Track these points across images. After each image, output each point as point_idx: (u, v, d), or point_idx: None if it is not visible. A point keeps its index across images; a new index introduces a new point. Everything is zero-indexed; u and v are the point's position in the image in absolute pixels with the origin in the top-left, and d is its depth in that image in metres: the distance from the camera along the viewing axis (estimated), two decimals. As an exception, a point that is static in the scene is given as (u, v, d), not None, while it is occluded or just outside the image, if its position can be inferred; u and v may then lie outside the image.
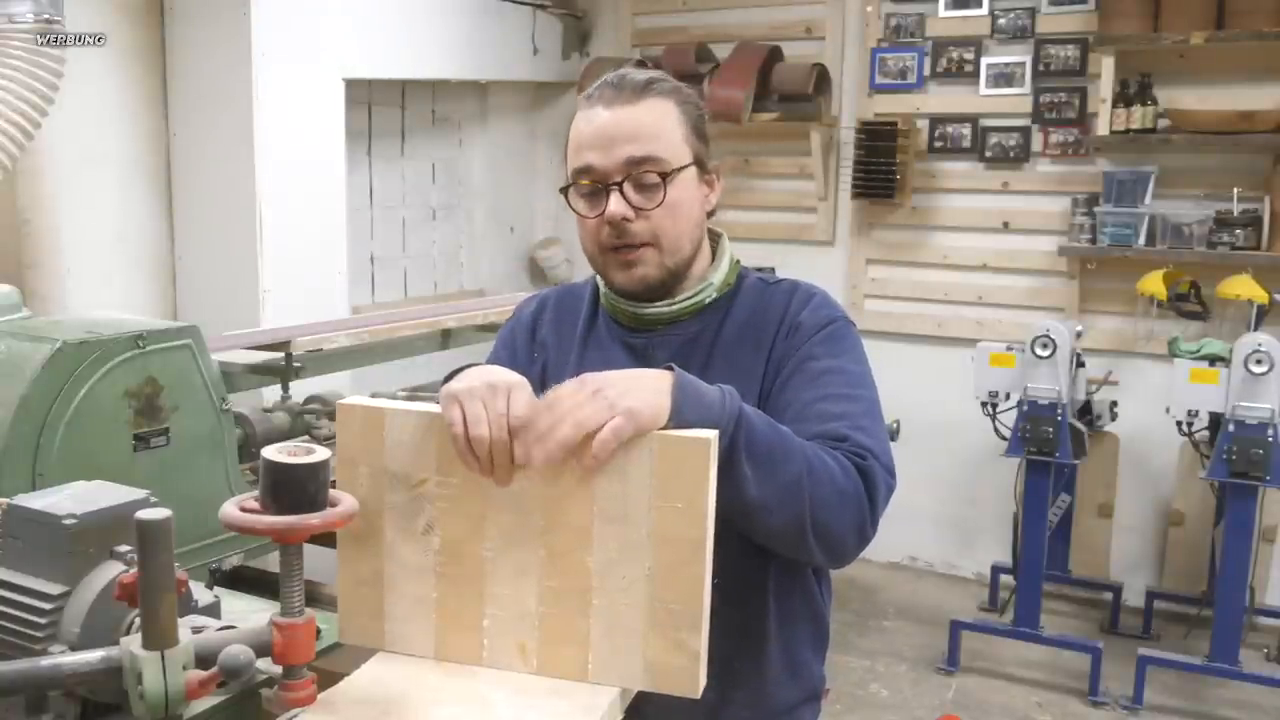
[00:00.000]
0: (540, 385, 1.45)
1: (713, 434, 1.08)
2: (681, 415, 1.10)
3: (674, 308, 1.40)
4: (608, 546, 1.10)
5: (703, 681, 1.11)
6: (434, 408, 1.15)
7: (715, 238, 1.47)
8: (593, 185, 1.34)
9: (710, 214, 1.43)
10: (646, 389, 1.10)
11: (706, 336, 1.41)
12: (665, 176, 1.32)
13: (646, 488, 1.08)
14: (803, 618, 1.42)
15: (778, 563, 1.36)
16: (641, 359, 1.40)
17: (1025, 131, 4.24)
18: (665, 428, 1.09)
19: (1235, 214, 3.80)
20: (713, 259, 1.45)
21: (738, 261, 1.47)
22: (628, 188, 1.32)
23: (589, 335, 1.47)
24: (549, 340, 1.48)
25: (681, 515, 1.08)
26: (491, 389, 1.10)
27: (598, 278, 1.48)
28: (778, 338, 1.38)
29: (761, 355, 1.38)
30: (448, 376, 1.25)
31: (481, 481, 1.13)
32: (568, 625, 1.13)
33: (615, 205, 1.32)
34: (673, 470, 1.07)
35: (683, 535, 1.08)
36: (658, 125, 1.34)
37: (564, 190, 1.38)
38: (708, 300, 1.41)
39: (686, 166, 1.35)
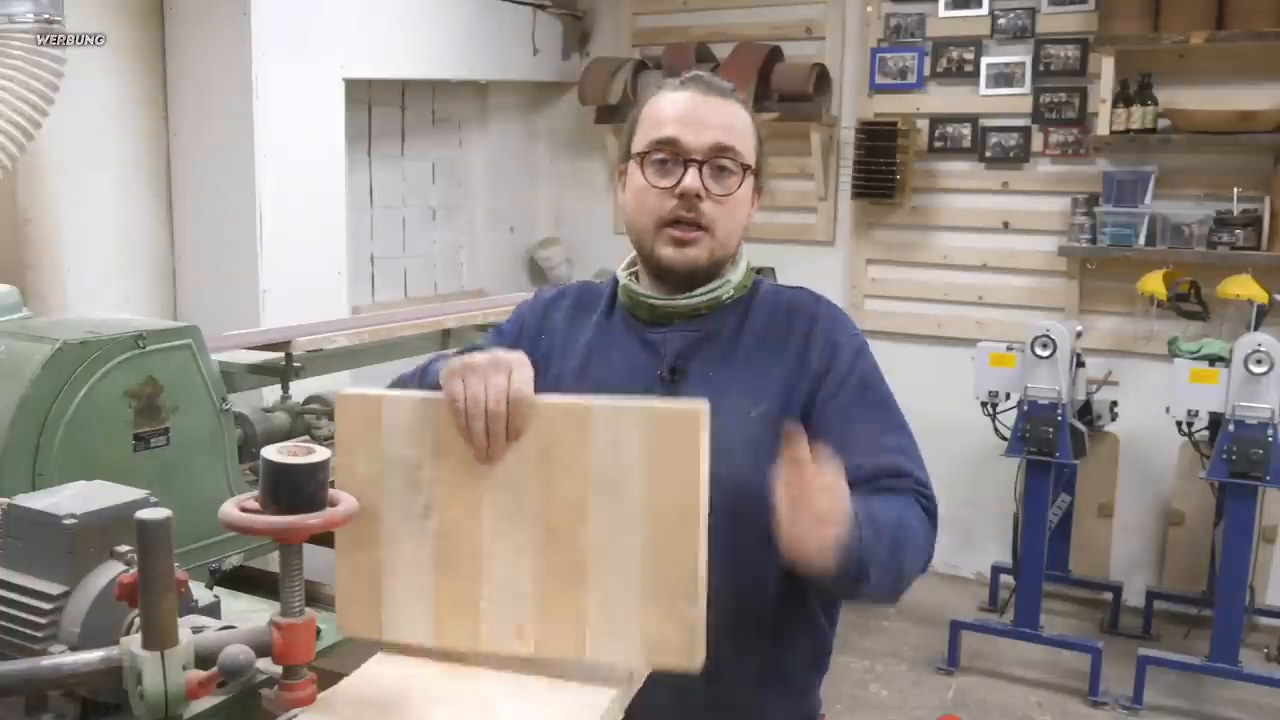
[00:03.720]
0: (546, 365, 1.44)
1: (703, 404, 1.10)
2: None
3: (691, 301, 1.42)
4: (602, 521, 1.12)
5: (701, 654, 1.12)
6: (431, 394, 1.17)
7: None
8: (672, 157, 1.37)
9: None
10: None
11: (725, 335, 1.43)
12: (745, 170, 1.39)
13: (639, 460, 1.10)
14: (802, 634, 1.43)
15: (781, 580, 1.37)
16: (655, 354, 1.42)
17: (1025, 131, 4.24)
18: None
19: (1235, 214, 3.79)
20: (733, 261, 1.48)
21: (754, 268, 1.51)
22: (706, 169, 1.37)
23: (603, 328, 1.49)
24: (559, 326, 1.49)
25: (675, 486, 1.09)
26: (495, 364, 1.14)
27: (618, 273, 1.49)
28: (809, 349, 1.40)
29: (786, 356, 1.41)
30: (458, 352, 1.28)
31: (477, 464, 1.14)
32: (564, 603, 1.13)
33: (692, 180, 1.35)
34: (666, 443, 1.09)
35: (677, 505, 1.09)
36: (740, 125, 1.41)
37: (638, 157, 1.40)
38: (724, 297, 1.44)
39: (752, 173, 1.41)
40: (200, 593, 1.28)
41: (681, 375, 1.40)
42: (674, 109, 1.39)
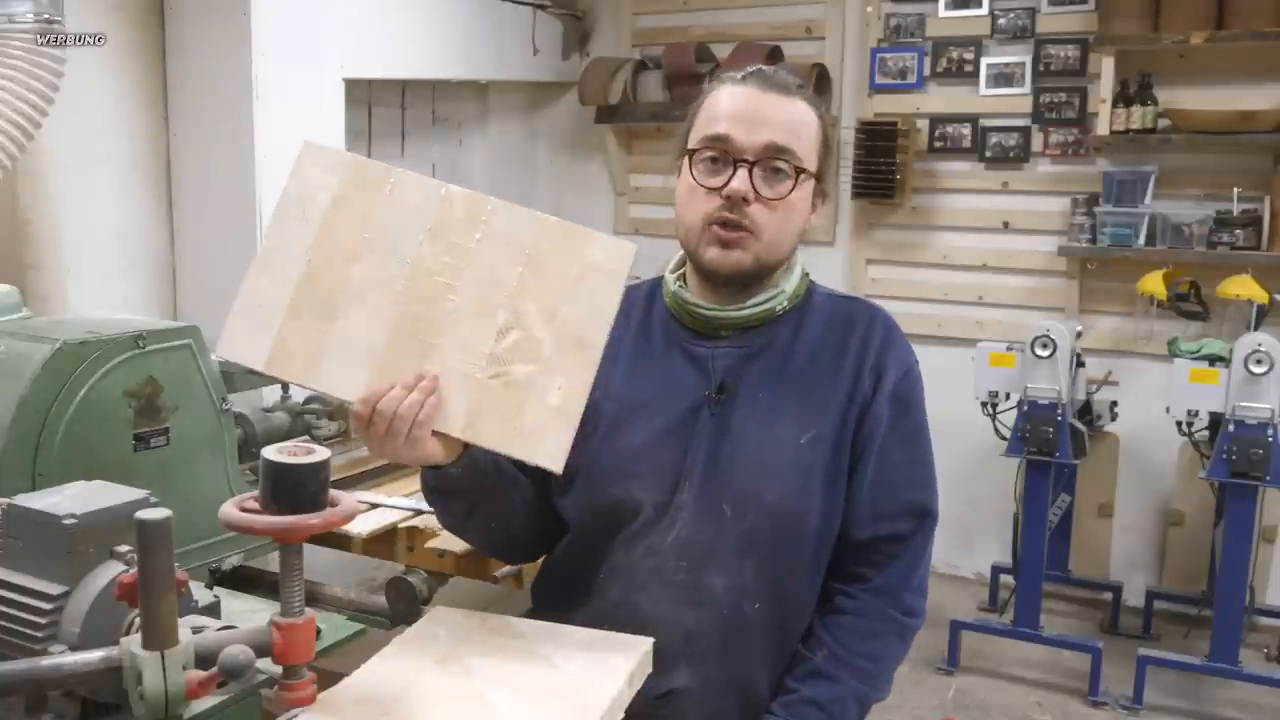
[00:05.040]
0: None
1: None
2: None
3: (744, 312, 1.38)
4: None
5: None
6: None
7: None
8: (723, 155, 1.32)
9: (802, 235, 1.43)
10: None
11: (776, 351, 1.39)
12: (800, 172, 1.33)
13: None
14: None
15: (819, 600, 1.40)
16: (702, 370, 1.38)
17: (1025, 131, 4.24)
18: None
19: (1235, 214, 3.79)
20: (787, 267, 1.43)
21: (808, 273, 1.46)
22: (757, 170, 1.31)
23: (643, 335, 1.43)
24: None
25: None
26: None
27: (666, 275, 1.44)
28: (860, 370, 1.38)
29: (838, 378, 1.37)
30: None
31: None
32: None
33: (740, 182, 1.30)
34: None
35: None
36: (801, 124, 1.34)
37: (689, 154, 1.35)
38: (778, 309, 1.39)
39: (812, 176, 1.36)
40: (200, 593, 1.29)
41: (730, 393, 1.36)
42: (730, 104, 1.33)
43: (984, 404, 3.75)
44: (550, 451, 1.20)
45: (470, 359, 1.20)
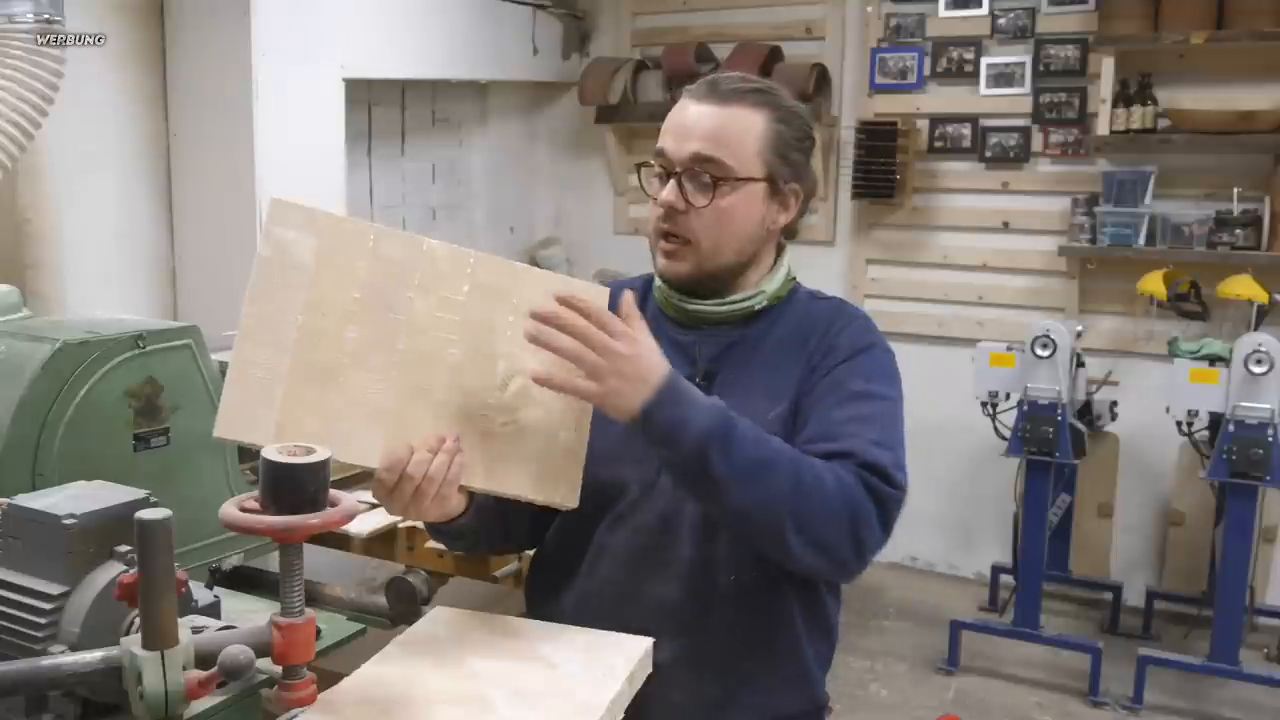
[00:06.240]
0: None
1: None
2: (650, 415, 1.18)
3: (721, 309, 1.44)
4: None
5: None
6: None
7: (778, 250, 1.50)
8: (660, 169, 1.39)
9: (789, 232, 1.46)
10: (638, 380, 1.18)
11: (751, 339, 1.45)
12: (718, 181, 1.35)
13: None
14: (816, 629, 1.44)
15: (796, 577, 1.39)
16: (687, 357, 1.43)
17: (1025, 131, 4.24)
18: (635, 418, 1.19)
19: (1235, 214, 3.79)
20: (771, 270, 1.48)
21: (793, 277, 1.50)
22: (686, 180, 1.36)
23: None
24: None
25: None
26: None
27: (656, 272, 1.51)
28: (814, 352, 1.41)
29: (799, 362, 1.41)
30: None
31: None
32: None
33: (667, 193, 1.37)
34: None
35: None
36: (733, 132, 1.37)
37: (638, 167, 1.45)
38: (757, 307, 1.45)
39: (751, 180, 1.37)
40: (200, 593, 1.29)
41: (711, 379, 1.42)
42: (670, 117, 1.40)
43: (984, 404, 3.75)
44: (565, 492, 1.26)
45: (480, 410, 1.22)
